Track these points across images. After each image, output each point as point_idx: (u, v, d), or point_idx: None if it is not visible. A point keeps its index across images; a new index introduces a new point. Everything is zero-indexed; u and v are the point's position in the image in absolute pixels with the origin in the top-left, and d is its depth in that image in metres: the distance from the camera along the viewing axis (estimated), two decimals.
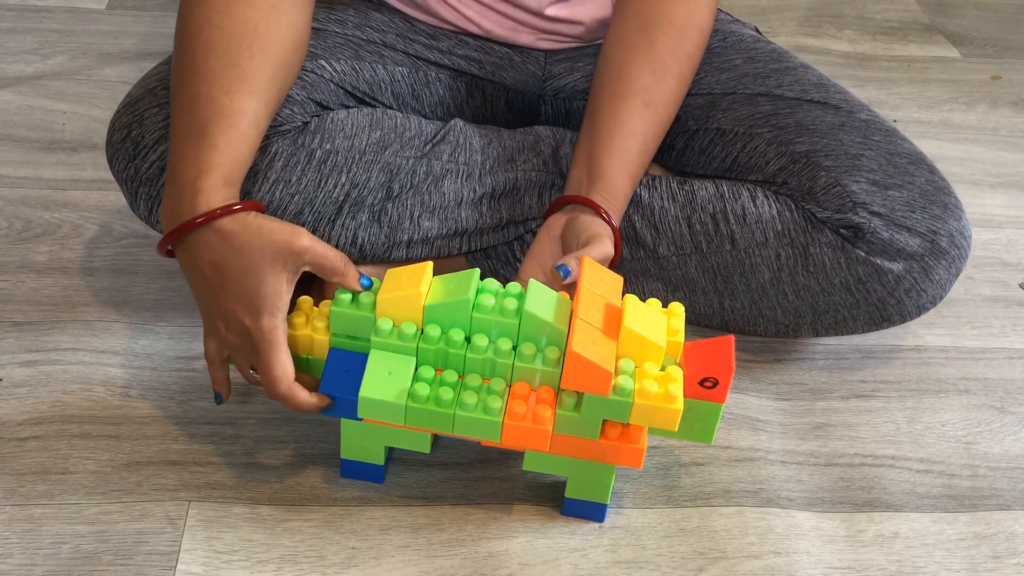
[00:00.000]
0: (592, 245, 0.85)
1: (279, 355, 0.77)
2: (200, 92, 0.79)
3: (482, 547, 0.82)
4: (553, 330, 0.76)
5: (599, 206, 0.89)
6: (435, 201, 0.95)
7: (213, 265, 0.76)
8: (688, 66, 0.95)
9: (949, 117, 1.51)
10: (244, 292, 0.76)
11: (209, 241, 0.76)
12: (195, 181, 0.76)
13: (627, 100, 0.92)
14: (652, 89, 0.92)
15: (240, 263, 0.76)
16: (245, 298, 0.76)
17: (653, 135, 0.93)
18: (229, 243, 0.76)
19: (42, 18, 1.53)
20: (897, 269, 0.92)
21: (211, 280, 0.77)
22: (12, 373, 0.93)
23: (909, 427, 0.97)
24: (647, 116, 0.92)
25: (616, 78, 0.93)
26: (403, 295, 0.76)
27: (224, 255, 0.76)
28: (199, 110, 0.78)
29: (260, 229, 0.76)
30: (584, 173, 0.91)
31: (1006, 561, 0.85)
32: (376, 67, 1.00)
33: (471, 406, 0.76)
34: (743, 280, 0.95)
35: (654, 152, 0.95)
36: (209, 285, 0.78)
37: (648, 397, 0.74)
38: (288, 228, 0.76)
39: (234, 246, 0.76)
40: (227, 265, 0.76)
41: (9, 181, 1.18)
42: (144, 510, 0.82)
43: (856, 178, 0.93)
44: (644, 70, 0.92)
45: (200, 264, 0.77)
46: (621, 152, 0.91)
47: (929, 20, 1.80)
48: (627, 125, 0.92)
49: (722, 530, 0.85)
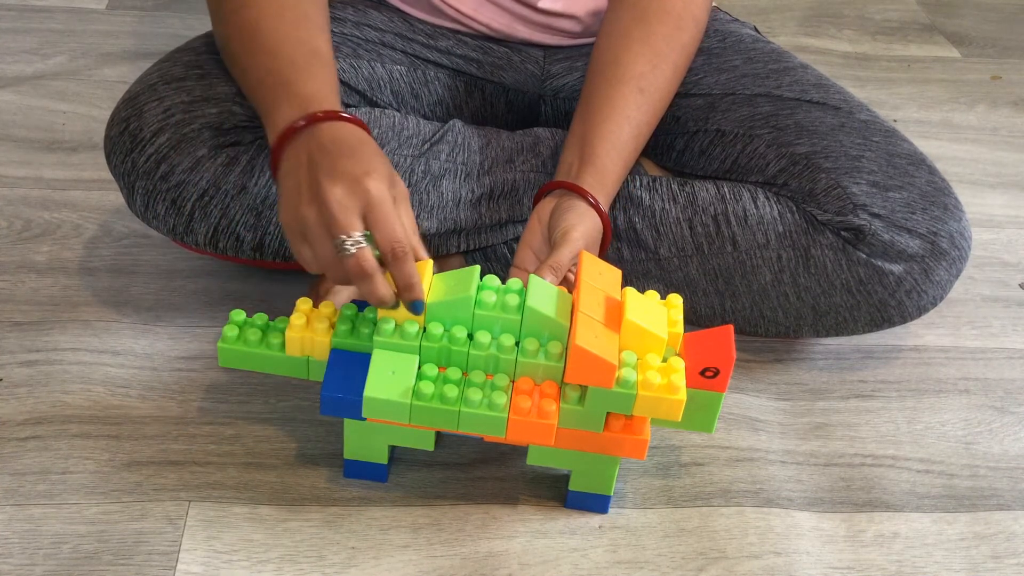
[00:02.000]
0: (560, 247, 0.84)
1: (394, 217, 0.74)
2: (288, 35, 0.83)
3: (482, 547, 0.82)
4: (555, 325, 0.76)
5: (585, 191, 0.88)
6: (433, 201, 0.95)
7: (341, 140, 0.77)
8: (683, 56, 0.95)
9: (949, 117, 1.51)
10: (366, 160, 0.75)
11: (343, 130, 0.77)
12: (321, 94, 0.79)
13: (622, 86, 0.92)
14: (647, 76, 0.92)
15: (366, 148, 0.77)
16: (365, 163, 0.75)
17: (647, 121, 0.93)
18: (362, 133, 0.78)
19: (42, 18, 1.53)
20: (898, 270, 0.92)
21: (333, 151, 0.76)
22: (12, 373, 0.93)
23: (909, 427, 0.97)
24: (641, 102, 0.92)
25: (611, 64, 0.93)
26: None
27: (353, 136, 0.77)
28: (293, 50, 0.83)
29: (375, 145, 0.79)
30: (576, 156, 0.90)
31: (1006, 561, 0.85)
32: (375, 65, 1.00)
33: (476, 403, 0.76)
34: (744, 282, 0.95)
35: (647, 139, 0.94)
36: (328, 154, 0.76)
37: (651, 388, 0.75)
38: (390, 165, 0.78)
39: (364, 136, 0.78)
40: (357, 143, 0.77)
41: (9, 181, 1.18)
42: (144, 510, 0.82)
43: (856, 180, 0.93)
44: (640, 57, 0.92)
45: (325, 142, 0.77)
46: (614, 136, 0.91)
47: (929, 20, 1.80)
48: (621, 110, 0.91)
49: (722, 530, 0.85)
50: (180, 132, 0.89)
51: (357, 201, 0.73)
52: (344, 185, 0.73)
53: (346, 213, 0.73)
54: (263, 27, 0.85)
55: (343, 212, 0.73)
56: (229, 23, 0.87)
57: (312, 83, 0.81)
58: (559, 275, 0.83)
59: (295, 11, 0.85)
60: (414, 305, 0.75)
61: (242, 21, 0.86)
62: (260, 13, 0.85)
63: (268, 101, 0.82)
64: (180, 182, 0.89)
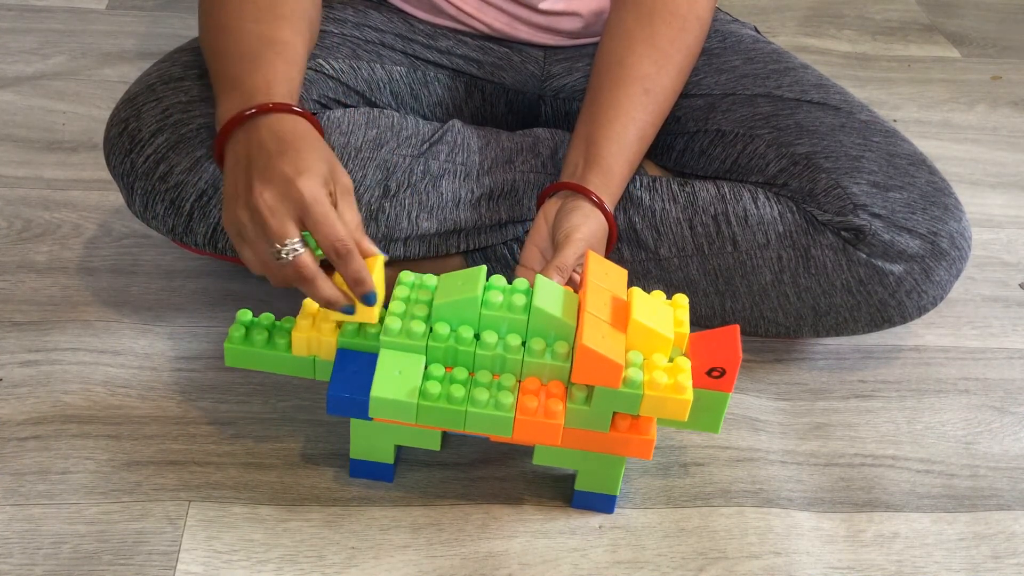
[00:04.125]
0: (564, 247, 0.84)
1: (333, 216, 0.73)
2: (244, 29, 0.81)
3: (482, 547, 0.82)
4: (562, 325, 0.77)
5: (590, 192, 0.88)
6: (433, 201, 0.95)
7: (279, 136, 0.75)
8: (688, 57, 0.95)
9: (949, 117, 1.51)
10: (302, 158, 0.74)
11: (282, 123, 0.76)
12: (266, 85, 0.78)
13: (627, 87, 0.92)
14: (652, 77, 0.92)
15: (304, 143, 0.75)
16: (300, 162, 0.74)
17: (652, 122, 0.93)
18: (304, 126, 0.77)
19: (42, 18, 1.53)
20: (898, 271, 0.92)
21: (270, 148, 0.75)
22: (12, 373, 0.93)
23: (909, 427, 0.97)
24: (647, 103, 0.92)
25: (616, 65, 0.93)
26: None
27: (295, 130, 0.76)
28: (246, 42, 0.81)
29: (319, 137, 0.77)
30: (581, 157, 0.90)
31: (1006, 561, 0.85)
32: (374, 66, 1.00)
33: (483, 402, 0.76)
34: (744, 282, 0.95)
35: (651, 140, 0.94)
36: (264, 152, 0.75)
37: (658, 388, 0.75)
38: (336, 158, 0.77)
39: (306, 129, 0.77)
40: (294, 138, 0.75)
41: (9, 181, 1.18)
42: (144, 510, 0.82)
43: (856, 180, 0.93)
44: (645, 59, 0.92)
45: (264, 137, 0.75)
46: (620, 137, 0.91)
47: (929, 20, 1.80)
48: (627, 111, 0.91)
49: (722, 530, 0.85)
50: (178, 132, 0.89)
51: (290, 205, 0.72)
52: (276, 189, 0.72)
53: (279, 219, 0.72)
54: (226, 25, 0.84)
55: (276, 218, 0.72)
56: (204, 27, 0.88)
57: (258, 75, 0.79)
58: (564, 276, 0.83)
59: (257, 4, 0.84)
60: (366, 298, 0.75)
61: (212, 23, 0.86)
62: (227, 12, 0.85)
63: (217, 97, 0.82)
64: (179, 182, 0.89)
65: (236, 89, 0.79)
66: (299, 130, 0.76)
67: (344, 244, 0.73)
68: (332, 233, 0.72)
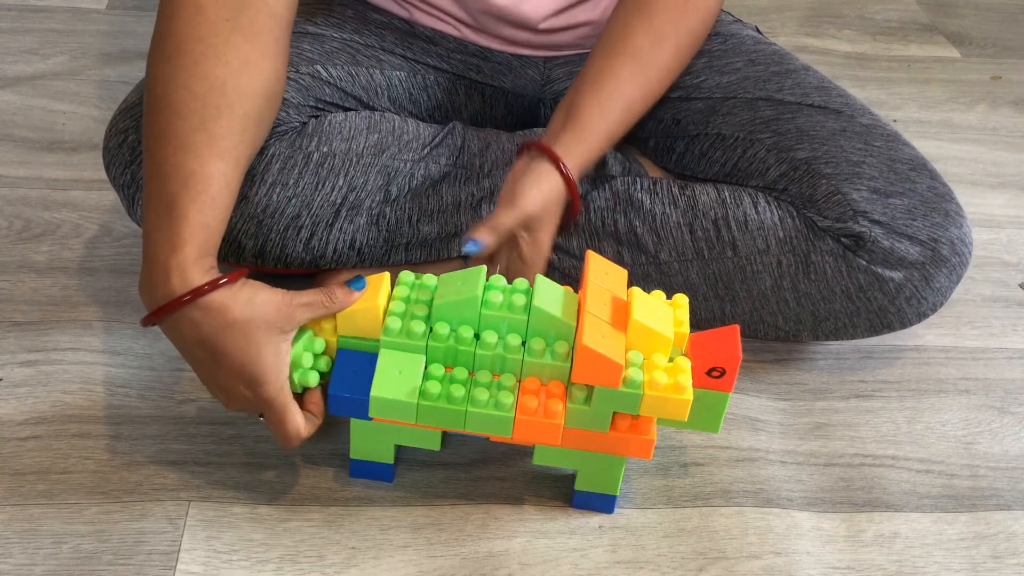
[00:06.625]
0: (504, 208, 0.85)
1: (290, 415, 0.77)
2: (168, 158, 0.74)
3: (482, 547, 0.82)
4: (562, 324, 0.77)
5: (555, 154, 0.87)
6: (433, 204, 0.95)
7: (202, 342, 0.73)
8: (688, 39, 0.94)
9: (949, 117, 1.51)
10: (242, 365, 0.73)
11: (195, 318, 0.72)
12: (168, 259, 0.72)
13: (618, 57, 0.91)
14: (645, 50, 0.92)
15: (234, 337, 0.73)
16: (245, 371, 0.74)
17: (641, 97, 0.92)
18: (221, 317, 0.72)
19: (42, 18, 1.53)
20: (898, 277, 0.92)
21: (202, 358, 0.75)
22: (12, 373, 0.93)
23: (909, 427, 0.97)
24: (635, 73, 0.91)
25: (611, 39, 0.93)
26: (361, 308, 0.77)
27: (215, 330, 0.73)
28: (168, 179, 0.74)
29: (251, 300, 0.73)
30: (560, 121, 0.90)
31: (1006, 561, 0.85)
32: (373, 72, 1.00)
33: (483, 402, 0.76)
34: (744, 287, 0.95)
35: (639, 115, 0.93)
36: (201, 362, 0.75)
37: (658, 388, 0.75)
38: (279, 294, 0.74)
39: (226, 320, 0.72)
40: (220, 340, 0.73)
41: (9, 181, 1.18)
42: (144, 510, 0.82)
43: (857, 186, 0.92)
44: (640, 32, 0.92)
45: (188, 342, 0.74)
46: (603, 104, 0.90)
47: (929, 20, 1.80)
48: (614, 81, 0.90)
49: (722, 530, 0.85)
50: None
51: (255, 408, 0.78)
52: (239, 402, 0.77)
53: (248, 412, 0.80)
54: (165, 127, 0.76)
55: (245, 411, 0.79)
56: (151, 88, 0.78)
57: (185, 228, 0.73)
58: (495, 236, 0.83)
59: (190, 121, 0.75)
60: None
61: (146, 125, 0.77)
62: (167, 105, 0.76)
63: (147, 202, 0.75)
64: None
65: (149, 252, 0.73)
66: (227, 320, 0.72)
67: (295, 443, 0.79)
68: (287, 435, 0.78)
